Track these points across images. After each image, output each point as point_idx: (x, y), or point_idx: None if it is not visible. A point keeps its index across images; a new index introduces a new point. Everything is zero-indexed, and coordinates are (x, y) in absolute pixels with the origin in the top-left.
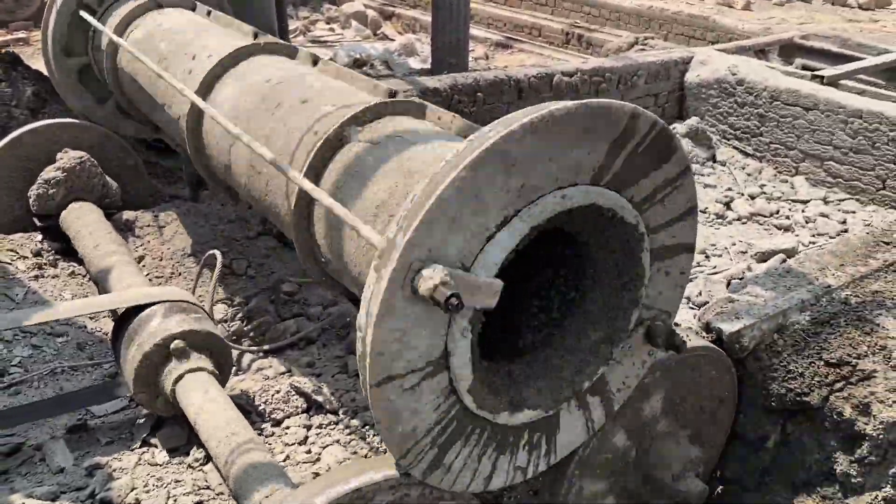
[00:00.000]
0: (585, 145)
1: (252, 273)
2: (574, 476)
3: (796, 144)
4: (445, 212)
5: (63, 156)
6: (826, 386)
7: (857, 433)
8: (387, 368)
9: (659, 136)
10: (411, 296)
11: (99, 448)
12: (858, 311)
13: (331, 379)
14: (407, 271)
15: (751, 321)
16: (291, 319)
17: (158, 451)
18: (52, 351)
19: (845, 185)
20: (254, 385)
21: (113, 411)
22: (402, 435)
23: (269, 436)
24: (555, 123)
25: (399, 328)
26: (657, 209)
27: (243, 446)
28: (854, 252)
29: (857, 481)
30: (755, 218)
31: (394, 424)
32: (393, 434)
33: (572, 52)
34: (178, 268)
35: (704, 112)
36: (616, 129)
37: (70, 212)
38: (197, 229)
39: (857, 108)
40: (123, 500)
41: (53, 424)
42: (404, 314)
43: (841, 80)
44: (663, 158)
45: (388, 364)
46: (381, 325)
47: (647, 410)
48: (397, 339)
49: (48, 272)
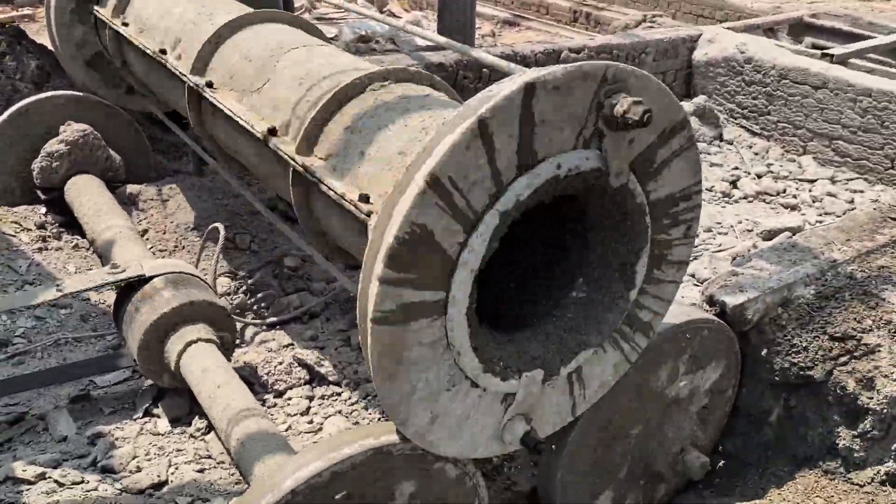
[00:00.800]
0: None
1: (255, 247)
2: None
3: (804, 123)
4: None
5: (66, 129)
6: (830, 360)
7: (860, 407)
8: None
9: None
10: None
11: (102, 418)
12: (864, 285)
13: (333, 352)
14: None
15: (755, 294)
16: (295, 294)
17: (161, 420)
18: (55, 322)
19: (853, 165)
20: (257, 357)
21: (116, 382)
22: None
23: (272, 407)
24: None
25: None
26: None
27: (245, 414)
28: (860, 227)
29: (859, 456)
30: (761, 197)
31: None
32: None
33: (580, 29)
34: (181, 241)
35: (712, 90)
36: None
37: (73, 184)
38: (200, 203)
39: (867, 87)
40: (125, 467)
41: (57, 394)
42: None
43: (851, 58)
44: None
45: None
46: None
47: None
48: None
49: (52, 245)
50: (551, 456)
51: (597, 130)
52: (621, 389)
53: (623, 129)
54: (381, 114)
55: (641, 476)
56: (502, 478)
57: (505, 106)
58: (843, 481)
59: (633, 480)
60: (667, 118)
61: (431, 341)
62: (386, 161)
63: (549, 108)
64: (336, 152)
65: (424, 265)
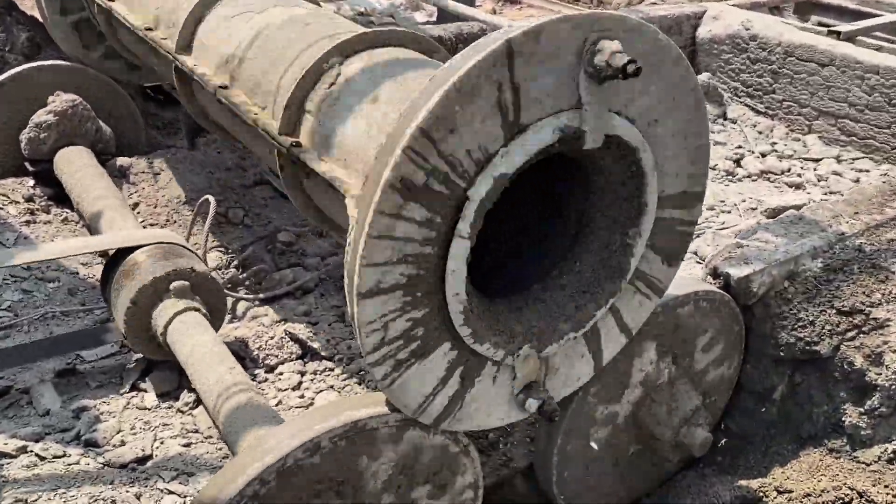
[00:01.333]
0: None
1: (249, 222)
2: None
3: (810, 102)
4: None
5: (55, 99)
6: (837, 335)
7: (867, 384)
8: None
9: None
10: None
11: (88, 392)
12: (873, 258)
13: (327, 327)
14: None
15: (760, 266)
16: (288, 269)
17: (148, 395)
18: (42, 296)
19: (859, 144)
20: (248, 332)
21: (103, 356)
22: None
23: (263, 381)
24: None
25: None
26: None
27: (233, 388)
28: (869, 200)
29: (866, 434)
30: (766, 175)
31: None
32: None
33: (583, 7)
34: (172, 215)
35: (716, 68)
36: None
37: (62, 156)
38: (193, 177)
39: (875, 64)
40: (109, 441)
41: (42, 368)
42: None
43: (858, 35)
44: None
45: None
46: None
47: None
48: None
49: (40, 218)
50: (548, 431)
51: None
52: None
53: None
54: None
55: (641, 452)
56: (498, 454)
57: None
58: (849, 460)
59: (632, 456)
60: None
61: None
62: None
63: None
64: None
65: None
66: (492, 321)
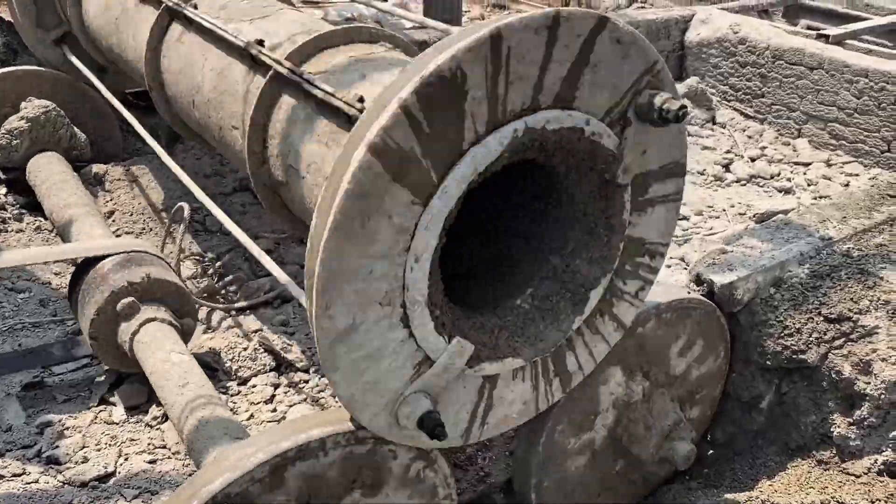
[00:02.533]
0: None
1: (226, 230)
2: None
3: (799, 105)
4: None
5: (27, 105)
6: (825, 343)
7: (856, 393)
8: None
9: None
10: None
11: (55, 406)
12: (861, 264)
13: (304, 337)
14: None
15: (745, 273)
16: (266, 278)
17: (116, 408)
18: (11, 307)
19: (849, 148)
20: (222, 343)
21: (72, 369)
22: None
23: (235, 394)
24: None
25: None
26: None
27: (198, 401)
28: (857, 205)
29: (855, 444)
30: (755, 180)
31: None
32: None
33: None
34: (149, 223)
35: (705, 72)
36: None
37: (35, 163)
38: (170, 184)
39: (863, 68)
40: (72, 458)
41: (9, 381)
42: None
43: (846, 39)
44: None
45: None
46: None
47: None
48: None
49: (12, 226)
50: (526, 446)
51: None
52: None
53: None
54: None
55: (623, 466)
56: (475, 468)
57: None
58: (838, 471)
59: (614, 470)
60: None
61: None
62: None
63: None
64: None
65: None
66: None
